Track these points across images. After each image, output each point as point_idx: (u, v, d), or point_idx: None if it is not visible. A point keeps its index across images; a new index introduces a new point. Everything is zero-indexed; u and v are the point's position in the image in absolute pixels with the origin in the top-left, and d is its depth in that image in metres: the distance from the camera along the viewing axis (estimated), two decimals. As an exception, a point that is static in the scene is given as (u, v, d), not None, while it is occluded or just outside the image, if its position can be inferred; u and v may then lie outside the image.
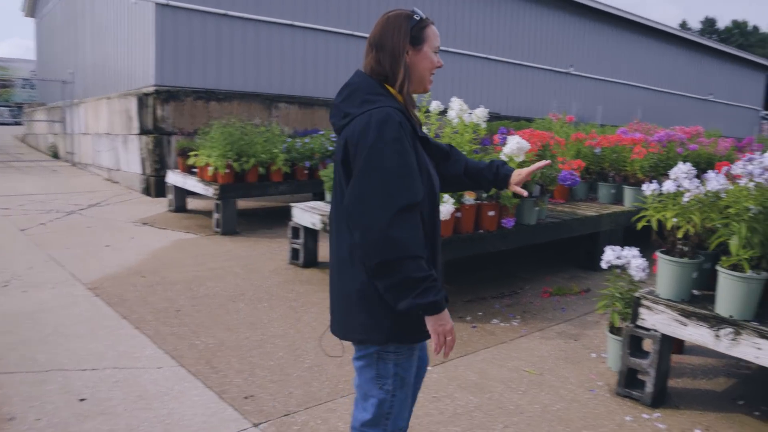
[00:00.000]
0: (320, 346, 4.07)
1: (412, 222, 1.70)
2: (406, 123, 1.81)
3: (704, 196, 3.08)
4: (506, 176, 2.25)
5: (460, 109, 4.97)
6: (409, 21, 1.86)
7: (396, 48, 1.84)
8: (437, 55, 1.93)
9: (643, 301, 3.34)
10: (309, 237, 6.08)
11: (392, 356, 1.89)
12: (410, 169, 1.73)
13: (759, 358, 2.90)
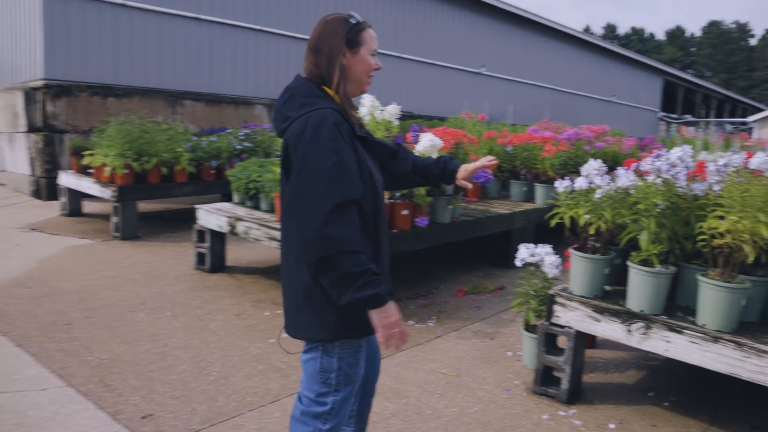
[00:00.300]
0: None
1: (348, 219, 1.73)
2: (344, 123, 1.84)
3: (615, 193, 3.07)
4: (453, 171, 2.30)
5: (371, 106, 4.83)
6: (345, 24, 1.91)
7: (332, 51, 1.89)
8: (375, 58, 1.98)
9: (557, 298, 3.31)
10: (216, 240, 5.77)
11: (337, 351, 1.93)
12: (345, 167, 1.77)
13: (668, 351, 2.92)
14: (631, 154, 8.55)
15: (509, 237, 6.37)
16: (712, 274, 2.84)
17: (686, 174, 2.90)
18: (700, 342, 2.81)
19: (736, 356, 2.71)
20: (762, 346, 2.65)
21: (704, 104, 37.99)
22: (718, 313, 2.79)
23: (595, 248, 3.24)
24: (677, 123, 31.05)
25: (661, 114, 30.79)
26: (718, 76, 74.61)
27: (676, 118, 32.79)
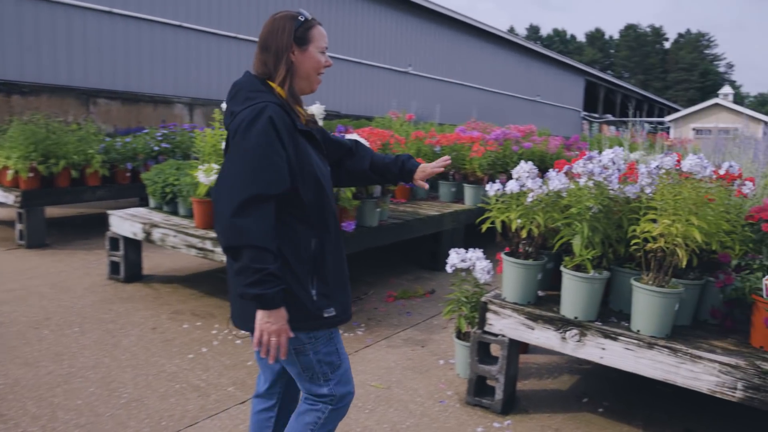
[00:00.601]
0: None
1: (261, 212, 1.74)
2: (284, 117, 1.83)
3: (546, 196, 2.97)
4: (411, 170, 2.30)
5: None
6: (294, 22, 1.91)
7: (279, 48, 1.90)
8: (324, 56, 1.98)
9: (490, 305, 3.19)
10: (130, 248, 5.39)
11: (309, 346, 1.94)
12: (270, 161, 1.77)
13: (603, 358, 2.84)
14: (557, 153, 8.65)
15: (439, 239, 6.27)
16: (645, 279, 2.78)
17: (618, 176, 2.82)
18: (635, 348, 2.74)
19: (671, 362, 2.65)
20: (696, 351, 2.60)
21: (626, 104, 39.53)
22: (652, 319, 2.72)
23: (527, 253, 3.14)
24: (599, 122, 32.15)
25: (584, 113, 31.79)
26: (635, 77, 77.97)
27: (598, 117, 33.95)
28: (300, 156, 1.87)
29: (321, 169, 1.97)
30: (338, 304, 1.99)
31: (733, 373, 2.52)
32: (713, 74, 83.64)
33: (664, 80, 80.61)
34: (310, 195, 1.89)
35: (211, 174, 4.56)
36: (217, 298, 5.10)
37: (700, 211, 2.57)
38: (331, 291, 1.96)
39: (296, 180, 1.86)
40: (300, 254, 1.89)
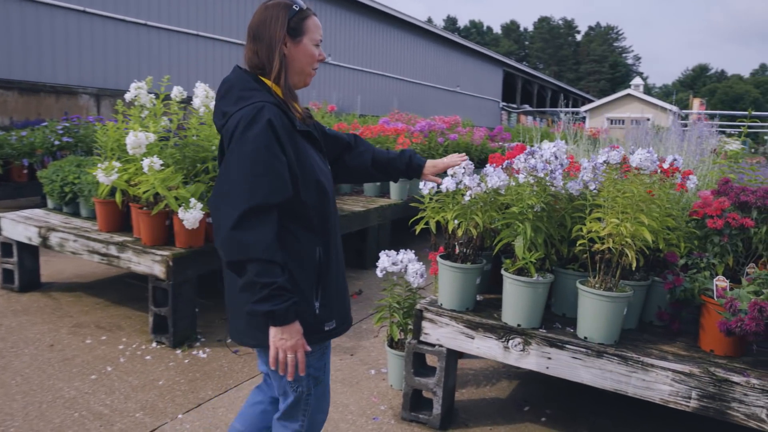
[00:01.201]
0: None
1: (263, 223, 1.62)
2: (282, 118, 1.71)
3: (485, 194, 2.72)
4: (419, 166, 2.21)
5: (206, 96, 4.17)
6: (287, 11, 1.78)
7: (272, 39, 1.77)
8: (319, 48, 1.85)
9: (426, 313, 2.92)
10: (25, 254, 4.82)
11: None
12: (270, 168, 1.65)
13: (549, 368, 2.63)
14: (482, 144, 8.53)
15: (365, 236, 5.98)
16: (592, 282, 2.58)
17: (562, 172, 2.61)
18: (583, 357, 2.54)
19: (622, 371, 2.47)
20: (648, 359, 2.43)
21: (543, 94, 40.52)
22: (600, 325, 2.53)
23: (464, 256, 2.88)
24: (517, 112, 32.81)
25: (503, 104, 32.31)
26: (549, 68, 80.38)
27: (516, 107, 34.63)
28: (300, 159, 1.75)
29: (322, 170, 1.85)
30: (338, 315, 1.90)
31: (687, 382, 2.35)
32: (622, 66, 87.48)
33: (577, 71, 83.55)
34: (312, 200, 1.78)
35: (111, 173, 4.06)
36: (125, 307, 4.62)
37: (648, 209, 2.39)
38: (332, 302, 1.87)
39: (297, 185, 1.73)
40: (304, 264, 1.78)
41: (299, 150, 1.76)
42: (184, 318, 3.96)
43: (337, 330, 1.90)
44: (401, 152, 2.21)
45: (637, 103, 30.60)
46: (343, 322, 1.94)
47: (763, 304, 2.25)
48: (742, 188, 2.90)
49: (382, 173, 2.19)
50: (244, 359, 3.76)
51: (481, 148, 8.48)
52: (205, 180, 4.25)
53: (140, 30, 12.24)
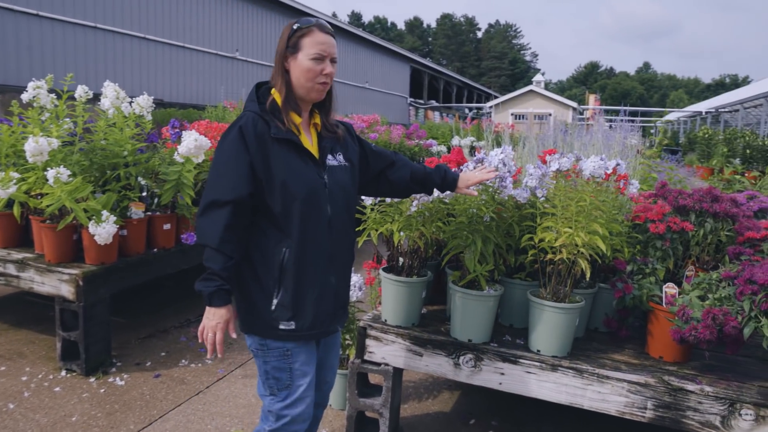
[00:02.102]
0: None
1: (216, 216, 1.82)
2: (258, 125, 1.88)
3: (431, 203, 2.58)
4: (454, 179, 2.32)
5: (115, 97, 3.79)
6: (289, 30, 1.95)
7: (278, 55, 1.97)
8: (321, 63, 1.93)
9: (370, 331, 2.75)
10: None
11: (260, 353, 1.98)
12: (228, 169, 1.85)
13: (502, 384, 2.53)
14: (400, 143, 8.45)
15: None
16: (544, 293, 2.50)
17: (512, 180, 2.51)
18: (538, 372, 2.46)
19: (577, 384, 2.40)
20: (602, 370, 2.37)
21: (449, 90, 41.21)
22: (553, 337, 2.45)
23: (409, 268, 2.73)
24: (424, 108, 33.18)
25: (410, 100, 32.58)
26: (452, 64, 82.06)
27: (423, 103, 35.03)
28: (268, 164, 1.87)
29: (299, 175, 1.91)
30: (302, 319, 1.94)
31: (643, 392, 2.32)
32: (521, 63, 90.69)
33: (479, 67, 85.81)
34: (276, 203, 1.88)
35: (9, 185, 3.59)
36: (26, 330, 4.18)
37: (600, 217, 2.33)
38: (297, 303, 1.93)
39: (262, 187, 1.87)
40: (268, 261, 1.90)
41: (269, 156, 1.87)
42: (98, 342, 3.58)
43: (297, 333, 1.94)
44: (437, 167, 2.35)
45: (540, 99, 31.74)
46: (312, 328, 1.97)
47: (716, 311, 2.25)
48: (679, 192, 2.93)
49: (420, 186, 2.31)
50: (168, 385, 3.44)
51: (399, 147, 8.39)
52: (116, 188, 3.87)
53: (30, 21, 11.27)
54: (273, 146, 1.88)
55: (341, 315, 2.11)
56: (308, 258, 1.93)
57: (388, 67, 29.11)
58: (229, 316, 1.87)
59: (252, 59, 18.24)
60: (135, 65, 13.65)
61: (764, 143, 11.58)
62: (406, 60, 31.51)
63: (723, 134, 12.09)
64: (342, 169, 2.05)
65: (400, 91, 30.79)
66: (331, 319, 2.04)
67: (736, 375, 2.43)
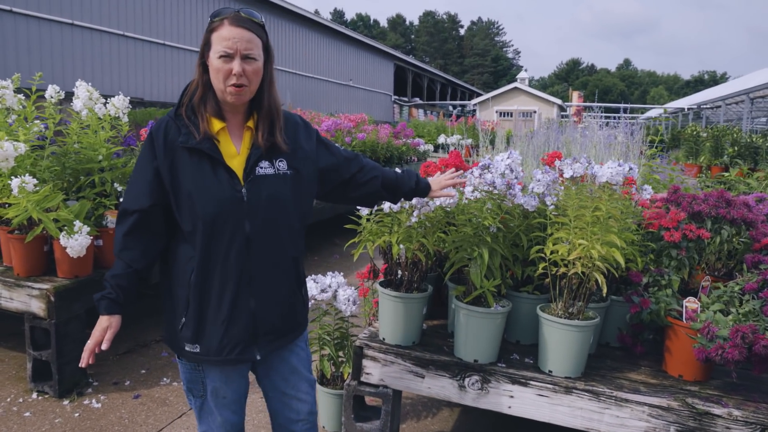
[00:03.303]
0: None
1: (122, 225, 1.79)
2: (168, 132, 1.75)
3: (433, 213, 2.39)
4: (427, 185, 2.21)
5: (88, 97, 3.55)
6: (209, 24, 1.76)
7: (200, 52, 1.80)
8: (229, 61, 1.71)
9: (367, 350, 2.55)
10: None
11: (178, 362, 1.91)
12: (135, 178, 1.79)
13: (512, 408, 2.35)
14: (388, 142, 8.26)
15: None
16: (556, 310, 2.32)
17: (520, 186, 2.32)
18: (550, 395, 2.27)
19: (593, 408, 2.22)
20: (621, 393, 2.19)
21: (433, 88, 41.06)
22: (566, 357, 2.27)
23: (409, 283, 2.54)
24: (408, 106, 33.02)
25: (395, 97, 32.38)
26: (435, 61, 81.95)
27: (407, 101, 34.85)
28: (176, 175, 1.74)
29: (205, 191, 1.72)
30: (208, 343, 1.79)
31: (665, 417, 2.14)
32: (503, 60, 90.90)
33: (462, 65, 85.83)
34: (185, 218, 1.75)
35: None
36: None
37: (614, 227, 2.15)
38: (201, 326, 1.79)
39: (169, 199, 1.76)
40: (179, 276, 1.79)
41: (177, 166, 1.74)
42: (72, 361, 3.34)
43: (202, 357, 1.81)
44: (406, 172, 2.20)
45: (524, 96, 31.65)
46: (218, 353, 1.80)
47: (745, 329, 2.07)
48: (693, 197, 2.76)
49: (391, 193, 2.15)
50: (148, 407, 3.22)
51: (386, 146, 8.20)
52: (90, 195, 3.63)
53: (3, 17, 10.91)
54: (182, 155, 1.73)
55: (267, 342, 1.87)
56: (215, 279, 1.77)
57: (372, 64, 28.88)
58: (107, 326, 1.77)
59: (234, 57, 17.93)
60: (114, 63, 13.30)
61: (752, 140, 11.53)
62: (390, 57, 31.30)
63: (710, 131, 12.01)
64: (278, 178, 1.81)
65: (384, 89, 30.57)
66: (245, 347, 1.82)
67: (762, 395, 2.26)
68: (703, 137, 12.24)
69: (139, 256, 1.77)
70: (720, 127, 12.24)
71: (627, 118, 5.11)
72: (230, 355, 1.81)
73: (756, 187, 4.92)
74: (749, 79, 21.12)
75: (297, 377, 2.01)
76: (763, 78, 17.96)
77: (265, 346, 1.87)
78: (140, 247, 1.78)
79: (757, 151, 11.16)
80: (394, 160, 8.69)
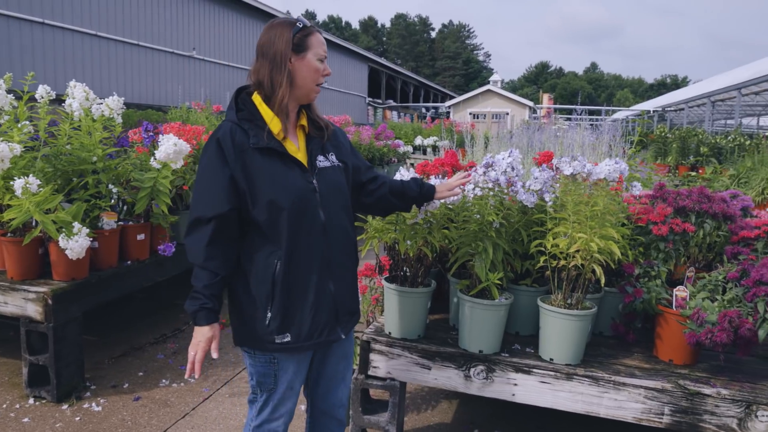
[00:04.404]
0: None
1: (199, 233, 1.81)
2: (236, 136, 1.83)
3: (437, 210, 2.50)
4: (431, 190, 2.30)
5: (84, 98, 3.59)
6: (292, 28, 1.86)
7: (277, 55, 1.85)
8: (323, 64, 1.92)
9: (374, 344, 2.66)
10: None
11: (248, 357, 1.97)
12: (208, 185, 1.83)
13: (516, 395, 2.47)
14: (370, 144, 8.37)
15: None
16: (555, 301, 2.45)
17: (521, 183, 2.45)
18: (552, 381, 2.40)
19: (593, 393, 2.36)
20: (619, 377, 2.34)
21: (406, 90, 41.24)
22: (566, 345, 2.40)
23: (414, 278, 2.65)
24: (383, 108, 33.15)
25: (369, 99, 32.49)
26: (407, 64, 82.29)
27: (381, 103, 34.99)
28: (249, 176, 1.82)
29: (286, 184, 1.85)
30: (299, 330, 1.90)
31: (660, 398, 2.29)
32: (474, 62, 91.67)
33: (433, 67, 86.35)
34: (262, 215, 1.83)
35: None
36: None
37: (609, 221, 2.30)
38: (292, 315, 1.89)
39: (247, 199, 1.82)
40: (259, 273, 1.86)
41: (250, 167, 1.81)
42: (70, 365, 3.36)
43: (292, 344, 1.90)
44: (412, 179, 2.33)
45: (497, 98, 32.05)
46: (308, 338, 1.92)
47: (732, 314, 2.23)
48: (678, 193, 2.92)
49: (399, 199, 2.24)
50: (150, 408, 3.27)
51: (368, 148, 8.31)
52: (83, 197, 3.64)
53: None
54: (254, 156, 1.83)
55: (346, 322, 2.03)
56: (301, 267, 1.88)
57: (347, 66, 28.96)
58: (211, 335, 1.83)
59: (209, 58, 17.86)
60: (87, 64, 13.17)
61: (716, 141, 11.92)
62: (363, 59, 31.41)
63: (677, 133, 12.37)
64: (335, 169, 2.00)
65: (358, 91, 30.66)
66: (331, 328, 1.97)
67: (745, 376, 2.42)
68: (671, 138, 12.60)
69: (223, 263, 1.82)
70: (686, 129, 12.61)
71: (604, 120, 5.28)
72: (320, 337, 1.93)
73: (729, 184, 5.15)
74: (710, 83, 21.73)
75: (346, 363, 2.14)
76: (723, 82, 18.50)
77: (346, 326, 2.02)
78: (221, 253, 1.82)
79: (720, 152, 11.54)
80: (376, 161, 8.81)
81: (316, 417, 2.20)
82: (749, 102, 19.00)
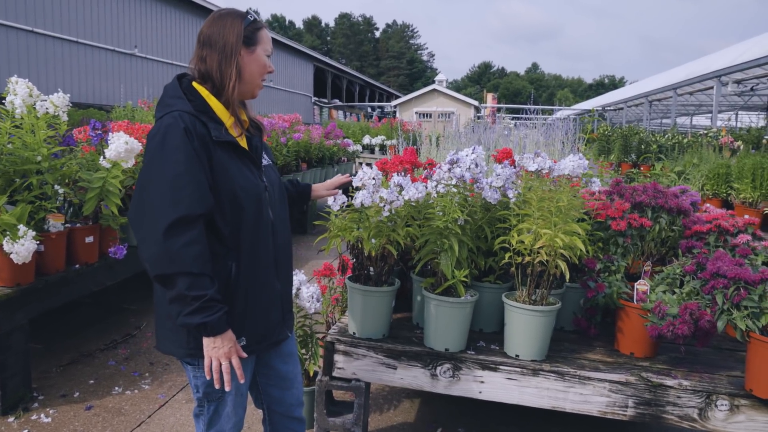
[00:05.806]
0: None
1: (190, 235, 1.60)
2: (199, 128, 1.69)
3: (401, 208, 2.47)
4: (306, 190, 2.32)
5: (28, 94, 3.40)
6: (242, 21, 1.79)
7: (226, 47, 1.76)
8: (269, 60, 1.86)
9: (338, 345, 2.60)
10: None
11: (191, 370, 1.83)
12: (189, 179, 1.62)
13: (482, 393, 2.46)
14: (320, 142, 8.28)
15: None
16: (521, 297, 2.45)
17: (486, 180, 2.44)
18: (519, 378, 2.40)
19: (559, 388, 2.37)
20: (583, 372, 2.35)
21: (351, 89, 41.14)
22: (532, 341, 2.41)
23: (378, 277, 2.60)
24: (328, 107, 32.99)
25: (314, 99, 32.27)
26: (351, 63, 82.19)
27: (327, 102, 34.81)
28: (214, 170, 1.70)
29: (245, 182, 1.77)
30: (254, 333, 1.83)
31: (624, 391, 2.32)
32: (419, 62, 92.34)
33: (378, 67, 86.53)
34: (223, 214, 1.73)
35: None
36: None
37: (573, 217, 2.31)
38: (248, 319, 1.80)
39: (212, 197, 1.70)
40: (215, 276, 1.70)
41: (213, 162, 1.71)
42: (16, 375, 3.19)
43: (248, 348, 1.81)
44: (288, 180, 2.29)
45: (443, 98, 32.37)
46: (262, 340, 1.87)
47: (692, 306, 2.28)
48: (634, 188, 2.98)
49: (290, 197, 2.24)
50: (103, 417, 3.12)
51: (319, 147, 8.22)
52: (27, 198, 3.45)
53: None
54: (215, 151, 1.72)
55: (289, 320, 2.03)
56: (257, 269, 1.82)
57: (292, 65, 28.67)
58: (234, 337, 1.72)
59: (152, 56, 17.35)
60: (23, 62, 12.58)
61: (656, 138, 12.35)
62: (309, 59, 31.17)
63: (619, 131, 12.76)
64: (273, 168, 2.00)
65: (304, 90, 30.41)
66: (281, 327, 1.95)
67: (704, 366, 2.48)
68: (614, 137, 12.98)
69: (210, 267, 1.65)
70: (628, 128, 13.02)
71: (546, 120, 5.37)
72: (272, 338, 1.90)
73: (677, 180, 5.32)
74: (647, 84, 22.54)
75: (294, 361, 2.09)
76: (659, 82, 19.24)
77: (289, 323, 2.01)
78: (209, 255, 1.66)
79: (661, 149, 11.96)
80: (326, 160, 8.72)
81: (276, 422, 2.13)
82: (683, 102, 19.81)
